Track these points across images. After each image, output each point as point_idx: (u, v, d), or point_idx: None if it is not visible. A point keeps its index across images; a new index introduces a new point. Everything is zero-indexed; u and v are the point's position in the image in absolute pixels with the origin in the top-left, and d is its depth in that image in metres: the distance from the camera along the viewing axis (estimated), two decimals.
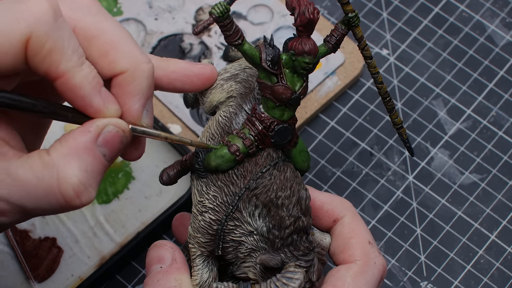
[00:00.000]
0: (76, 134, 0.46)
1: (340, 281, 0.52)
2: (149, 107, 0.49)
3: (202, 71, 0.54)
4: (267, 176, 0.52)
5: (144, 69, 0.48)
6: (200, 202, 0.52)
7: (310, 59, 0.50)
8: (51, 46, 0.44)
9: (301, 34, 0.51)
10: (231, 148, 0.51)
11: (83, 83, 0.45)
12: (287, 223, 0.51)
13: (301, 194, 0.52)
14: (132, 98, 0.48)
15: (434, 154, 0.73)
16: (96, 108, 0.46)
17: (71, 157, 0.45)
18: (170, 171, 0.54)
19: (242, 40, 0.50)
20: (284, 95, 0.51)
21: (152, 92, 0.49)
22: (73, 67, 0.45)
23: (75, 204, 0.45)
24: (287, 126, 0.52)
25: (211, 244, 0.53)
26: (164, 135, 0.49)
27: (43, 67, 0.45)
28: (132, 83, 0.48)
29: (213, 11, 0.49)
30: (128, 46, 0.48)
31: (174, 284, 0.52)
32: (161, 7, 0.78)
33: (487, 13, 0.79)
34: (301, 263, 0.52)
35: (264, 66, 0.50)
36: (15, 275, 0.67)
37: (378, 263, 0.53)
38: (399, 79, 0.76)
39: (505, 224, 0.71)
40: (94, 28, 0.47)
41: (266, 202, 0.51)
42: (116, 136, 0.47)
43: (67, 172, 0.44)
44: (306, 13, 0.50)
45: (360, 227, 0.54)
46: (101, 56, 0.47)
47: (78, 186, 0.45)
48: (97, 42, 0.47)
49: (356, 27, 0.53)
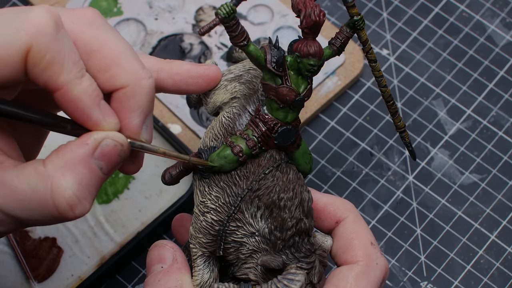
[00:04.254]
0: (73, 146, 0.45)
1: (342, 282, 0.52)
2: (148, 122, 0.49)
3: (207, 72, 0.54)
4: (270, 178, 0.51)
5: (144, 85, 0.47)
6: (202, 202, 0.52)
7: (315, 61, 0.50)
8: (52, 58, 0.44)
9: (306, 36, 0.51)
10: (234, 149, 0.51)
11: (83, 95, 0.45)
12: (289, 224, 0.51)
13: (303, 196, 0.52)
14: (131, 113, 0.47)
15: (434, 154, 0.73)
16: (95, 121, 0.46)
17: (66, 170, 0.44)
18: (172, 171, 0.54)
19: (248, 41, 0.50)
20: (289, 97, 0.51)
21: (152, 107, 0.49)
22: (73, 80, 0.44)
23: (68, 216, 0.45)
24: (291, 128, 0.52)
25: (213, 245, 0.53)
26: (162, 151, 0.49)
27: (43, 79, 0.44)
28: (132, 99, 0.47)
29: (220, 12, 0.49)
30: (129, 61, 0.47)
31: (175, 284, 0.52)
32: (161, 7, 0.78)
33: (487, 13, 0.79)
34: (303, 265, 0.52)
35: (269, 67, 0.50)
36: (15, 275, 0.67)
37: (380, 264, 0.53)
38: (399, 79, 0.76)
39: (505, 224, 0.71)
40: (96, 42, 0.47)
41: (269, 203, 0.51)
42: (114, 149, 0.46)
43: (62, 184, 0.44)
44: (312, 16, 0.50)
45: (362, 228, 0.54)
46: (101, 70, 0.47)
47: (72, 199, 0.44)
48: (98, 56, 0.47)
49: (361, 30, 0.53)
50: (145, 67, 0.48)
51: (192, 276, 0.54)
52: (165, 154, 0.49)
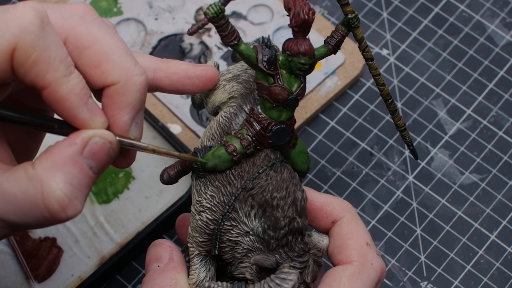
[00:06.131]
0: (62, 147, 0.45)
1: (336, 282, 0.51)
2: (138, 120, 0.48)
3: (204, 73, 0.54)
4: (264, 177, 0.52)
5: (136, 82, 0.47)
6: (198, 201, 0.53)
7: (306, 60, 0.50)
8: (37, 56, 0.43)
9: (296, 35, 0.51)
10: (228, 148, 0.51)
11: (70, 94, 0.44)
12: (282, 223, 0.51)
13: (296, 195, 0.52)
14: (121, 110, 0.47)
15: (434, 154, 0.73)
16: (82, 119, 0.45)
17: (56, 170, 0.44)
18: (170, 170, 0.54)
19: (238, 40, 0.50)
20: (281, 95, 0.51)
21: (144, 105, 0.48)
22: (60, 78, 0.44)
23: (60, 217, 0.44)
24: (285, 127, 0.52)
25: (208, 244, 0.53)
26: (151, 148, 0.49)
27: (30, 77, 0.44)
28: (123, 96, 0.47)
29: (208, 12, 0.49)
30: (121, 57, 0.47)
31: (169, 283, 0.52)
32: (161, 7, 0.78)
33: (487, 13, 0.79)
34: (296, 264, 0.52)
35: (260, 66, 0.50)
36: (15, 275, 0.67)
37: (376, 264, 0.53)
38: (399, 79, 0.76)
39: (505, 224, 0.71)
40: (87, 38, 0.47)
41: (262, 202, 0.51)
42: (103, 147, 0.46)
43: (52, 185, 0.44)
44: (301, 14, 0.50)
45: (358, 228, 0.54)
46: (92, 66, 0.46)
47: (63, 199, 0.44)
48: (89, 52, 0.46)
49: (356, 29, 0.53)
50: (137, 63, 0.48)
51: (188, 275, 0.54)
52: (154, 151, 0.49)
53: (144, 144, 0.48)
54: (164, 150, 0.50)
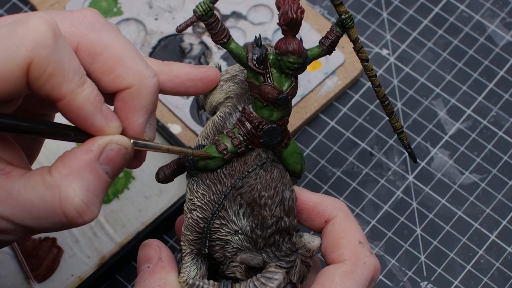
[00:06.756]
0: (78, 154, 0.45)
1: (328, 281, 0.51)
2: (152, 121, 0.49)
3: (207, 75, 0.54)
4: (253, 176, 0.52)
5: (149, 84, 0.47)
6: (190, 200, 0.53)
7: (295, 59, 0.50)
8: (53, 70, 0.43)
9: (285, 33, 0.51)
10: (219, 147, 0.51)
11: (85, 103, 0.45)
12: (269, 222, 0.51)
13: (285, 194, 0.52)
14: (136, 113, 0.47)
15: (434, 154, 0.73)
16: (98, 127, 0.46)
17: (73, 177, 0.45)
18: (166, 169, 0.55)
19: (228, 39, 0.50)
20: (271, 94, 0.51)
21: (156, 106, 0.49)
22: (75, 88, 0.44)
23: (78, 222, 0.45)
24: (276, 126, 0.52)
25: (199, 242, 0.53)
26: (166, 147, 0.49)
27: (45, 90, 0.44)
28: (137, 99, 0.47)
29: (196, 10, 0.49)
30: (133, 61, 0.47)
31: (158, 284, 0.52)
32: (161, 7, 0.78)
33: (487, 13, 0.79)
34: (282, 264, 0.52)
35: (250, 65, 0.51)
36: (15, 275, 0.67)
37: (369, 263, 0.52)
38: (399, 79, 0.76)
39: (505, 224, 0.71)
40: (98, 44, 0.47)
41: (250, 201, 0.51)
42: (119, 153, 0.46)
43: (69, 192, 0.44)
44: (289, 12, 0.50)
45: (351, 227, 0.54)
46: (105, 72, 0.47)
47: (81, 205, 0.45)
48: (101, 58, 0.47)
49: (350, 29, 0.53)
50: (148, 65, 0.48)
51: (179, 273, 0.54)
52: (168, 150, 0.50)
53: (158, 144, 0.49)
54: (177, 148, 0.50)
